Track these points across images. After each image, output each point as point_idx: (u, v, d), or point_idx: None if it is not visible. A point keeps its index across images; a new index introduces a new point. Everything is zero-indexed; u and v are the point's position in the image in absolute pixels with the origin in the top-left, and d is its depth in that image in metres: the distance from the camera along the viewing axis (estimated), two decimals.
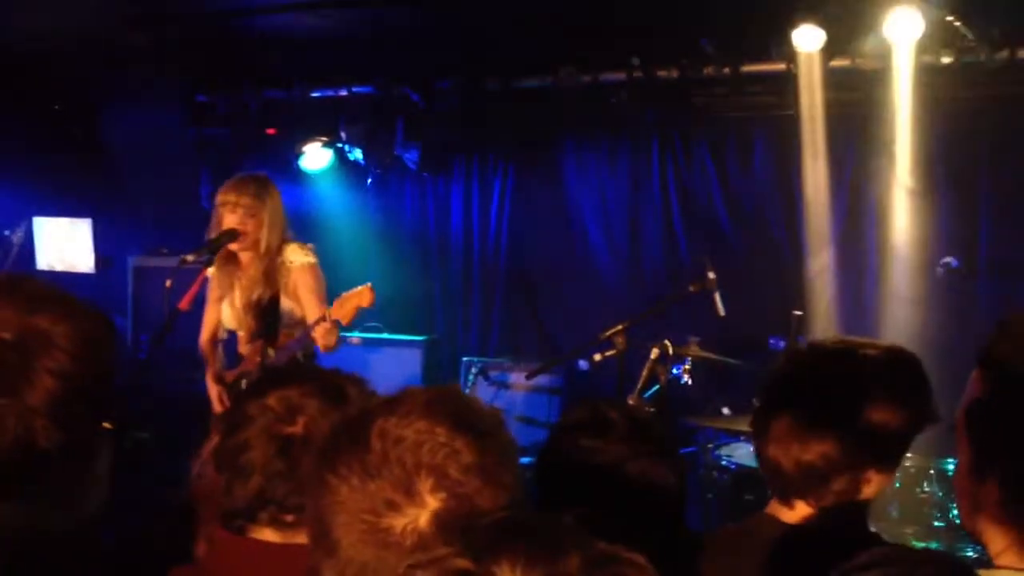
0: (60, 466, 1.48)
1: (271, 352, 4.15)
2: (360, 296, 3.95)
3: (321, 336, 3.97)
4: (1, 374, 1.41)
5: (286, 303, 4.19)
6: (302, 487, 1.45)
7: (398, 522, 1.19)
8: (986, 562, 1.47)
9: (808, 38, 5.03)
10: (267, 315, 4.16)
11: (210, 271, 4.22)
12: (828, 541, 1.81)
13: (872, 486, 1.86)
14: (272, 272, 4.17)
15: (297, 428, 1.62)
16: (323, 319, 3.97)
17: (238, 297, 4.22)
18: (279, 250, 4.20)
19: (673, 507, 1.79)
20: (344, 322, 3.97)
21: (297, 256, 4.23)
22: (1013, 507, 1.44)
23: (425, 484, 1.20)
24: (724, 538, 2.03)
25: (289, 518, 1.60)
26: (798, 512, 1.88)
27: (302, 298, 4.20)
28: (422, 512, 1.19)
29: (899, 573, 1.07)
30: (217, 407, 4.25)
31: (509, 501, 1.25)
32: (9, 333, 1.43)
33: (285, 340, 4.18)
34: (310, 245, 4.32)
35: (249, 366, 4.22)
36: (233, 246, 4.16)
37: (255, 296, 4.16)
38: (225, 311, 4.29)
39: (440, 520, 1.19)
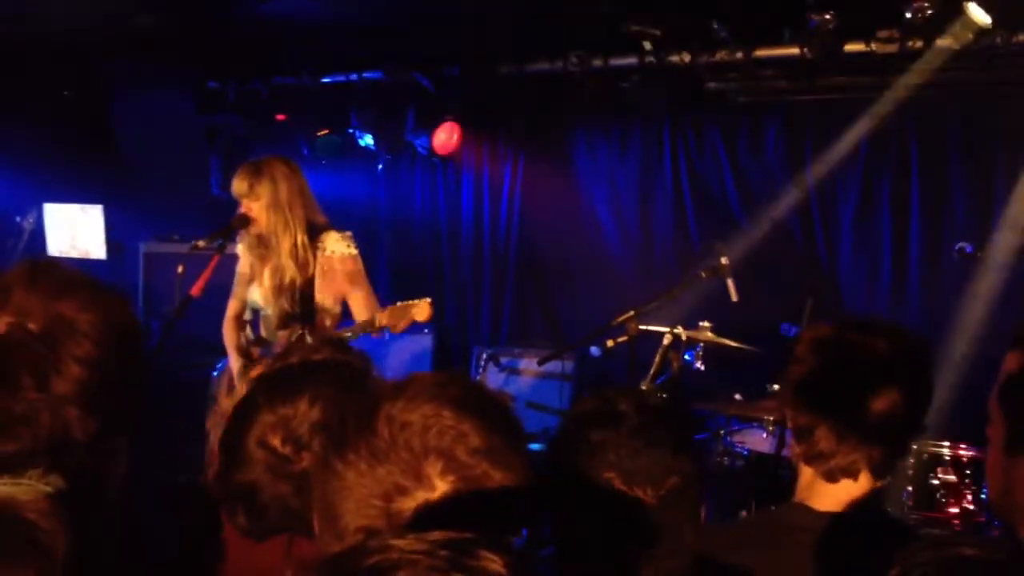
0: (94, 451, 1.49)
1: (309, 339, 4.05)
2: (418, 310, 3.89)
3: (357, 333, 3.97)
4: (31, 367, 1.44)
5: (319, 291, 4.16)
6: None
7: (408, 506, 1.19)
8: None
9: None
10: (302, 300, 4.12)
11: (239, 250, 4.22)
12: (865, 527, 1.85)
13: (889, 470, 1.90)
14: (303, 257, 4.12)
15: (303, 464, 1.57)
16: (370, 324, 3.95)
17: (267, 277, 4.20)
18: (313, 234, 4.16)
19: (691, 496, 1.76)
20: (394, 331, 3.95)
21: (338, 246, 4.17)
22: None
23: (434, 468, 1.20)
24: (756, 528, 2.02)
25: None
26: (827, 500, 1.89)
27: (347, 293, 4.16)
28: (432, 495, 1.19)
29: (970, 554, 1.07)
30: (237, 383, 4.21)
31: (517, 483, 1.24)
32: (36, 323, 1.46)
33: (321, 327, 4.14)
34: (348, 232, 4.24)
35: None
36: (253, 230, 4.15)
37: (286, 279, 4.12)
38: (254, 291, 4.26)
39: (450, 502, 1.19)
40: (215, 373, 4.52)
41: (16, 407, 1.43)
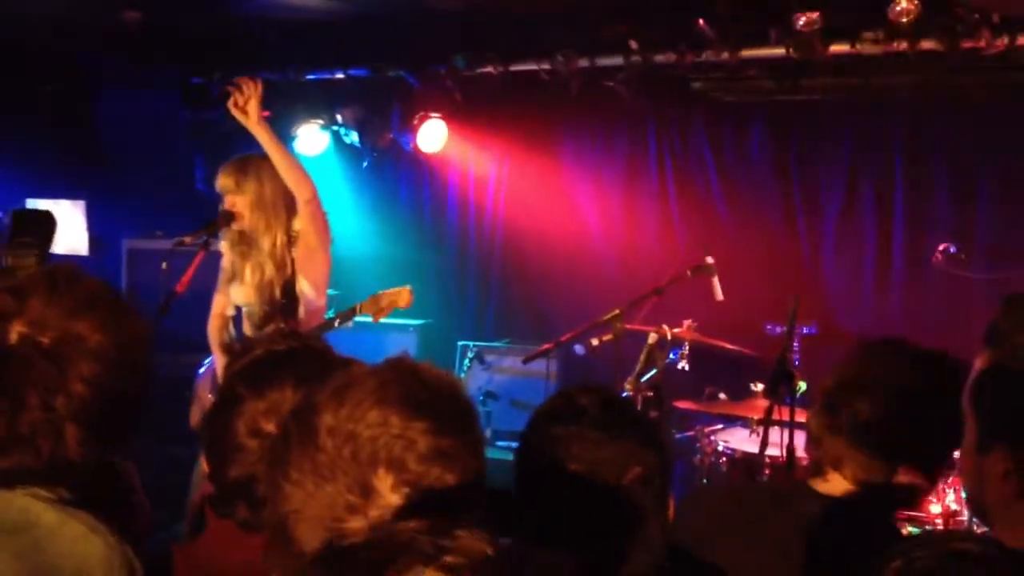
0: (89, 470, 1.48)
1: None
2: (397, 296, 3.95)
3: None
4: (38, 385, 1.41)
5: (299, 282, 4.16)
6: None
7: (358, 525, 1.13)
8: None
9: None
10: (284, 295, 4.12)
11: (222, 246, 4.21)
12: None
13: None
14: (282, 256, 4.11)
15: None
16: (352, 312, 3.98)
17: (249, 275, 4.19)
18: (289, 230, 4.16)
19: (656, 487, 1.76)
20: (376, 319, 4.01)
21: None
22: (1018, 477, 1.45)
23: (384, 482, 1.15)
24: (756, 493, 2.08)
25: None
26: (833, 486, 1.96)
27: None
28: (385, 512, 1.14)
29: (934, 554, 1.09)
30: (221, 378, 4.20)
31: (471, 481, 1.20)
32: (47, 338, 1.43)
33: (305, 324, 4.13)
34: None
35: None
36: (236, 226, 4.14)
37: (266, 278, 4.12)
38: (236, 288, 4.25)
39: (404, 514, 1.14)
40: (199, 371, 4.49)
41: (21, 426, 1.40)
